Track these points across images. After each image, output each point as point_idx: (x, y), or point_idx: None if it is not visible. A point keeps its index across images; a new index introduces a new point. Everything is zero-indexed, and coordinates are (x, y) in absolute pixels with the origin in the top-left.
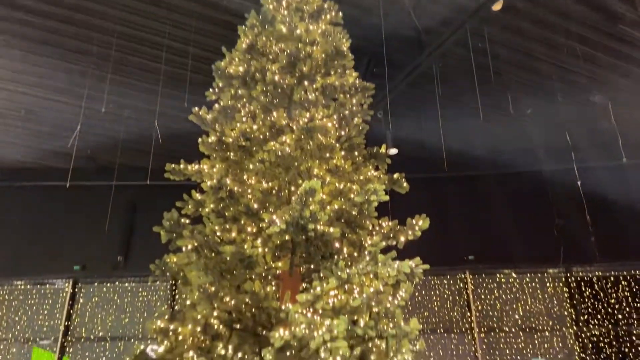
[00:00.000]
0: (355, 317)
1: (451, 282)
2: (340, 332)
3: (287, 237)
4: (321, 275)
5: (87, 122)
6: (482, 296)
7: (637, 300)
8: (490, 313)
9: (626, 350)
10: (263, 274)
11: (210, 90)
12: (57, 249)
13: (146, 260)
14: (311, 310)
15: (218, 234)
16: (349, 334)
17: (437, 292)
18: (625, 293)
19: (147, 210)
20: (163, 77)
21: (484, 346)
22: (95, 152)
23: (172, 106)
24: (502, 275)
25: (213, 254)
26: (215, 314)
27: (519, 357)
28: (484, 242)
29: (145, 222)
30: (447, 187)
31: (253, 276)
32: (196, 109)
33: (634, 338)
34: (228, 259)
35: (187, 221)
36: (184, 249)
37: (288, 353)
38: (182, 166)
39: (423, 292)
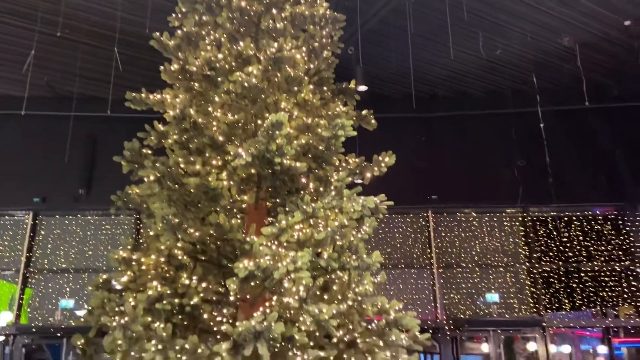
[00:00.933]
0: (319, 250)
1: (414, 220)
2: (303, 263)
3: (252, 171)
4: (287, 209)
5: (41, 47)
6: (443, 234)
7: (587, 239)
8: (449, 250)
9: (574, 285)
10: (228, 207)
11: (173, 15)
12: (15, 180)
13: (109, 193)
14: (276, 242)
15: (182, 165)
16: (313, 266)
17: (400, 229)
18: (577, 232)
19: (108, 142)
20: (122, 1)
21: (442, 281)
22: (52, 80)
23: (132, 32)
24: (462, 214)
25: (176, 186)
26: (179, 245)
27: (473, 291)
28: (447, 182)
29: (107, 154)
30: (414, 127)
31: (218, 209)
32: (157, 34)
33: (582, 274)
34: (192, 191)
35: (149, 152)
36: (146, 180)
37: (252, 283)
38: (143, 95)
39: (387, 230)
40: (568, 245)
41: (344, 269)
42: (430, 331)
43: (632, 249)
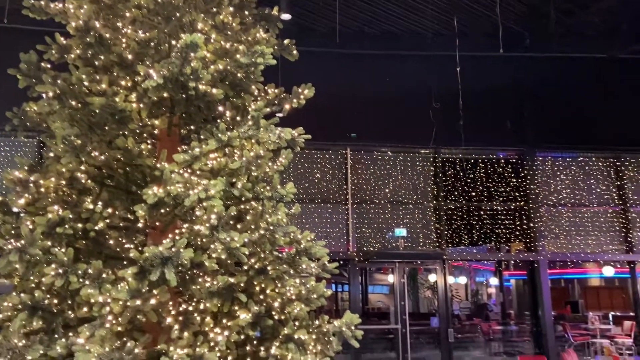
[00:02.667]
0: (234, 180)
1: (333, 156)
2: (217, 192)
3: (165, 94)
4: (201, 136)
5: None
6: (359, 171)
7: (489, 180)
8: (365, 187)
9: (473, 222)
10: (137, 131)
11: None
12: None
13: (4, 111)
14: (188, 170)
15: (86, 83)
16: (226, 195)
17: (319, 165)
18: (481, 174)
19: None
20: None
21: (355, 216)
22: None
23: None
24: (379, 153)
25: (79, 105)
26: (82, 168)
27: (384, 226)
28: (366, 121)
29: (2, 67)
30: (337, 63)
31: (126, 132)
32: None
33: (481, 212)
34: (97, 111)
35: (49, 66)
36: (44, 96)
37: (162, 210)
38: (43, 3)
39: (306, 165)
40: (472, 185)
41: (257, 199)
42: (342, 262)
43: (527, 191)
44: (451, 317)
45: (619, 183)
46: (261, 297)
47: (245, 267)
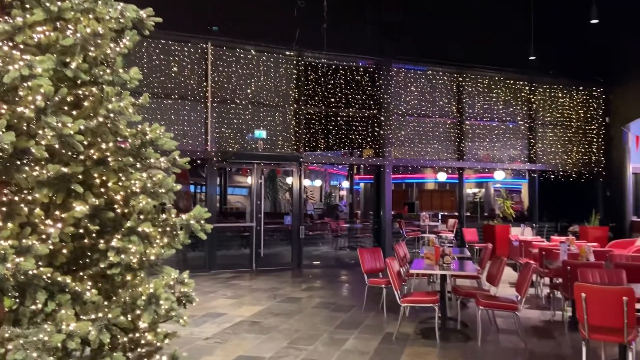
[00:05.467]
0: (67, 59)
1: (192, 50)
2: (44, 70)
3: None
4: (26, 5)
5: None
6: (220, 68)
7: (348, 87)
8: (226, 85)
9: (330, 128)
10: None
11: None
12: None
13: None
14: (9, 43)
15: None
16: (57, 75)
17: (177, 58)
18: (340, 81)
19: None
20: None
21: (215, 115)
22: None
23: None
24: (242, 51)
25: None
26: None
27: (244, 127)
28: (229, 14)
29: None
30: None
31: None
32: None
33: (338, 119)
34: None
35: None
36: None
37: None
38: None
39: (162, 57)
40: (331, 91)
41: (96, 83)
42: (200, 162)
43: (381, 100)
44: (304, 216)
45: (458, 97)
46: (102, 189)
47: (82, 157)
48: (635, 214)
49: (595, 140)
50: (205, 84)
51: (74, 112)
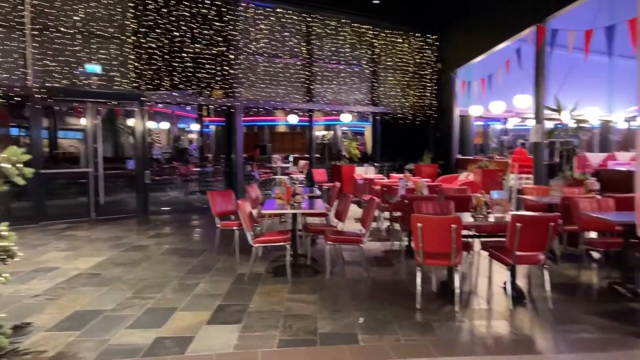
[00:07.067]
0: None
1: None
2: None
3: None
4: None
5: None
6: None
7: (193, 21)
8: (48, 10)
9: (175, 65)
10: None
11: None
12: None
13: None
14: None
15: None
16: None
17: None
18: (185, 13)
19: None
20: None
21: (37, 45)
22: None
23: None
24: None
25: None
26: None
27: (73, 60)
28: None
29: None
30: None
31: None
32: None
33: (184, 55)
34: None
35: None
36: None
37: None
38: None
39: None
40: (175, 24)
41: None
42: (19, 100)
43: (230, 37)
44: (150, 160)
45: (307, 38)
46: None
47: None
48: (459, 152)
49: (428, 85)
50: (21, 7)
51: None
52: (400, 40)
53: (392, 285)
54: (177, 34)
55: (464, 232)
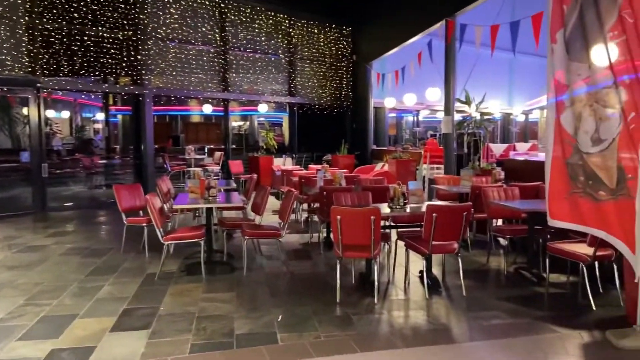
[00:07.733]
0: None
1: None
2: None
3: None
4: None
5: None
6: None
7: (95, 3)
8: None
9: (75, 49)
10: None
11: None
12: None
13: None
14: None
15: None
16: None
17: None
18: None
19: None
20: None
21: None
22: None
23: None
24: None
25: None
26: None
27: None
28: None
29: None
30: None
31: None
32: None
33: (85, 39)
34: None
35: None
36: None
37: None
38: None
39: None
40: (75, 5)
41: None
42: None
43: (137, 20)
44: (48, 152)
45: (221, 25)
46: None
47: None
48: (375, 143)
49: (345, 76)
50: None
51: None
52: (317, 31)
53: (311, 279)
54: (77, 15)
55: (382, 223)
